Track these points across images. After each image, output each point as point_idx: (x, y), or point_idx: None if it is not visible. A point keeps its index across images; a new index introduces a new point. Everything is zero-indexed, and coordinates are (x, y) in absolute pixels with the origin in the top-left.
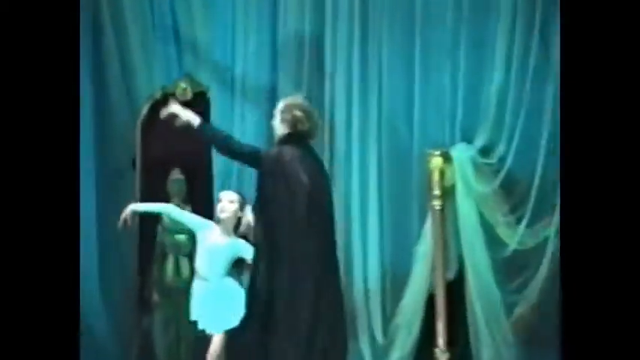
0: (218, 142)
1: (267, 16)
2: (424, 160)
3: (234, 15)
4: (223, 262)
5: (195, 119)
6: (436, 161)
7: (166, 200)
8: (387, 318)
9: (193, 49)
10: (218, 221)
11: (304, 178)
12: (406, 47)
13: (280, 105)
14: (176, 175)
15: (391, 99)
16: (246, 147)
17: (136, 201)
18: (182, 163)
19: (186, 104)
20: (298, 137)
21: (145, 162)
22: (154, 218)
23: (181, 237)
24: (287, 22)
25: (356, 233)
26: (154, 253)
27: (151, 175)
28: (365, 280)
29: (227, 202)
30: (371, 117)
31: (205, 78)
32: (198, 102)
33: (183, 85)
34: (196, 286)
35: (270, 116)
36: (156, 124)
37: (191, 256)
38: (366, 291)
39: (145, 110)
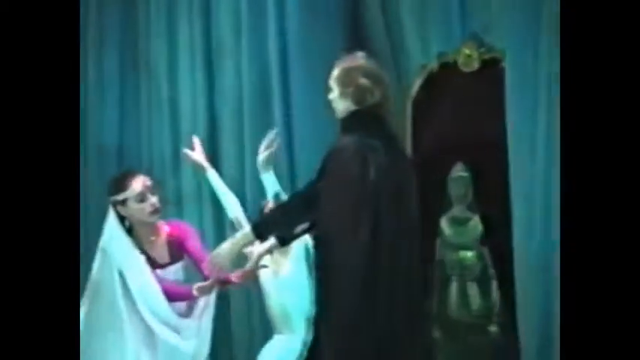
0: (289, 229)
1: None
2: None
3: None
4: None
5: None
6: None
7: (449, 205)
8: None
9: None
10: None
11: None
12: None
13: (337, 72)
14: (459, 171)
15: None
16: (299, 197)
17: None
18: (467, 155)
19: (472, 75)
20: (369, 115)
21: (418, 153)
22: (429, 228)
23: (468, 254)
24: None
25: None
26: (432, 277)
27: (425, 170)
28: None
29: None
30: None
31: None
32: (488, 73)
33: (467, 50)
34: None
35: None
36: (432, 104)
37: (481, 281)
38: None
39: (416, 86)
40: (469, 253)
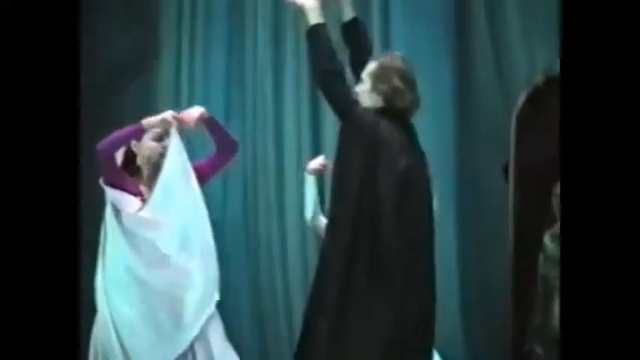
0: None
1: None
2: None
3: None
4: None
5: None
6: None
7: (552, 220)
8: None
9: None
10: None
11: (402, 162)
12: None
13: (373, 67)
14: None
15: None
16: (348, 88)
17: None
18: None
19: None
20: (393, 114)
21: (522, 169)
22: (531, 243)
23: None
24: None
25: None
26: (535, 292)
27: (529, 187)
28: None
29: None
30: None
31: None
32: None
33: None
34: None
35: None
36: (536, 118)
37: None
38: None
39: (521, 100)
40: None
